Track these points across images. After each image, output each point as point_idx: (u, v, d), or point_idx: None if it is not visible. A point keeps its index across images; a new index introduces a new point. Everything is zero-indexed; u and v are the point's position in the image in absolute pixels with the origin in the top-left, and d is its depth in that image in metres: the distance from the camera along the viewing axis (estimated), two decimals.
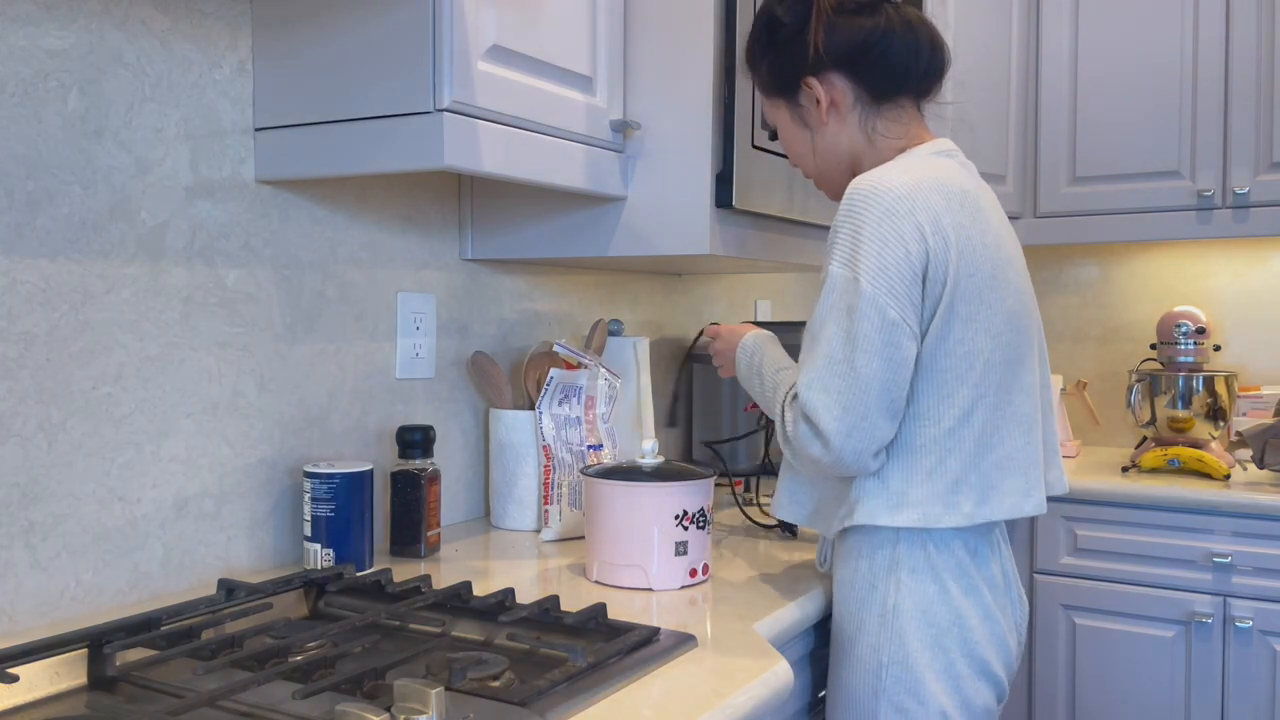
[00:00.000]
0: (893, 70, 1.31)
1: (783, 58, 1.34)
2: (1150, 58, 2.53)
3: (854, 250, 1.18)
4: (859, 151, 1.35)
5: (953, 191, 1.22)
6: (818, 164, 1.39)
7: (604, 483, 1.37)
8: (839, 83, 1.32)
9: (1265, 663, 2.18)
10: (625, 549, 1.35)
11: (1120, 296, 2.89)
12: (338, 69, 1.31)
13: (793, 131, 1.39)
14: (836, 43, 1.30)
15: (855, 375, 1.17)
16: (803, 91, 1.34)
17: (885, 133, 1.33)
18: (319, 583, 1.30)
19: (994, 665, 1.26)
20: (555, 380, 1.65)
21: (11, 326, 1.14)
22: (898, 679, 1.24)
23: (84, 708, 1.00)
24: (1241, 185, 2.42)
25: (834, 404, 1.18)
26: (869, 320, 1.16)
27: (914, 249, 1.17)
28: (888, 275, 1.17)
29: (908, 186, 1.19)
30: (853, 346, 1.17)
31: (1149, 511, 2.28)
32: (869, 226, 1.18)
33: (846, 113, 1.33)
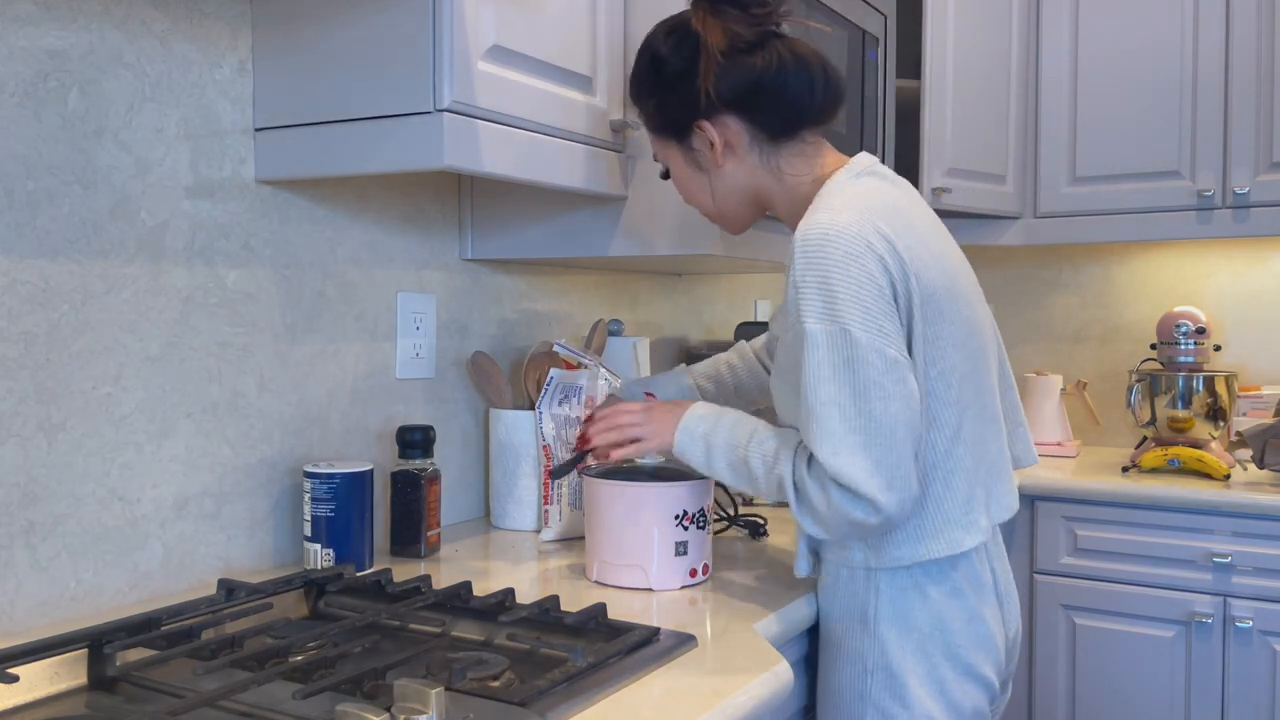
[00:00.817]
0: (788, 109, 1.27)
1: (671, 99, 1.30)
2: (1150, 58, 2.53)
3: (829, 301, 1.13)
4: (765, 188, 1.32)
5: (893, 214, 1.19)
6: (717, 204, 1.35)
7: (604, 483, 1.37)
8: (733, 124, 1.28)
9: (1265, 663, 2.18)
10: (625, 549, 1.35)
11: (1120, 296, 2.89)
12: (338, 69, 1.31)
13: (686, 173, 1.35)
14: (729, 85, 1.25)
15: (877, 425, 1.12)
16: (695, 134, 1.30)
17: (792, 169, 1.30)
18: (319, 583, 1.30)
19: (981, 667, 1.26)
20: (555, 380, 1.65)
21: (11, 326, 1.14)
22: (882, 684, 1.24)
23: (84, 708, 1.00)
24: (1241, 185, 2.41)
25: (866, 462, 1.12)
26: (873, 366, 1.12)
27: (883, 282, 1.14)
28: (873, 316, 1.13)
29: (856, 222, 1.15)
30: (865, 398, 1.12)
31: (1149, 511, 2.28)
32: (836, 272, 1.13)
33: (744, 153, 1.30)
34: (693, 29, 1.26)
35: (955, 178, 2.50)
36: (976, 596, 1.26)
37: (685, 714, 0.93)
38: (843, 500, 1.14)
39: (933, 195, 2.46)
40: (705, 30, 1.25)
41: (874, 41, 2.05)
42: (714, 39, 1.24)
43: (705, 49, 1.25)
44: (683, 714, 0.93)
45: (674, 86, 1.29)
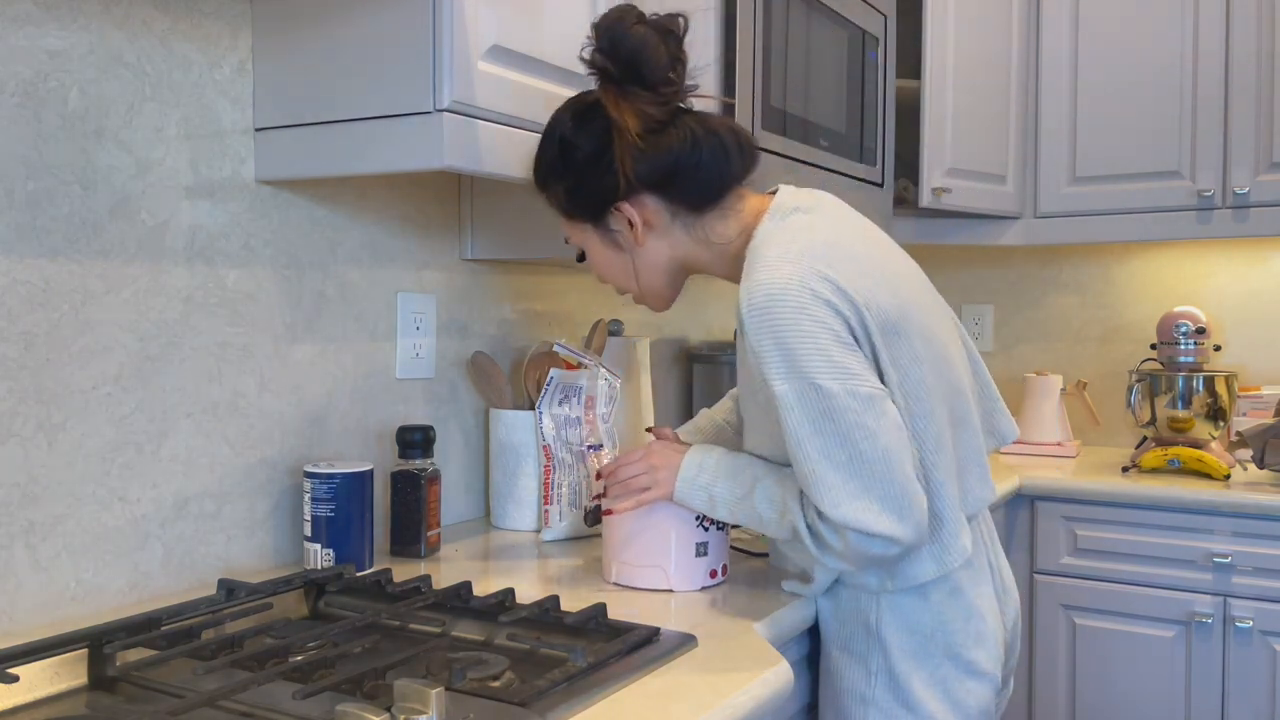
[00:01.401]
0: (707, 182, 1.25)
1: (584, 183, 1.27)
2: (1150, 58, 2.53)
3: (789, 358, 1.13)
4: (694, 257, 1.30)
5: (830, 250, 1.18)
6: (641, 283, 1.33)
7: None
8: (651, 203, 1.26)
9: (1265, 663, 2.18)
10: (645, 550, 1.34)
11: (1120, 296, 2.89)
12: (338, 69, 1.31)
13: (606, 255, 1.32)
14: (646, 167, 1.23)
15: (871, 465, 1.12)
16: (612, 216, 1.28)
17: (719, 233, 1.28)
18: (319, 583, 1.30)
19: (982, 663, 1.26)
20: (555, 380, 1.65)
21: (11, 326, 1.14)
22: (885, 688, 1.24)
23: (84, 708, 1.00)
24: (1241, 185, 2.42)
25: (871, 503, 1.12)
26: (849, 410, 1.12)
27: (837, 325, 1.14)
28: (836, 361, 1.12)
29: (796, 273, 1.14)
30: (851, 442, 1.12)
31: (1149, 511, 2.28)
32: (789, 329, 1.13)
33: (665, 229, 1.28)
34: (603, 112, 1.24)
35: (955, 178, 2.50)
36: (975, 592, 1.26)
37: (685, 714, 0.93)
38: (859, 541, 1.13)
39: (933, 195, 2.46)
40: (618, 113, 1.23)
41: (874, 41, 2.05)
42: (627, 122, 1.22)
43: (619, 132, 1.23)
44: (683, 714, 0.93)
45: (587, 171, 1.26)
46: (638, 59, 1.22)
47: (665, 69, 1.24)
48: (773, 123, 1.66)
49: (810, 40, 1.78)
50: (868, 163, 2.05)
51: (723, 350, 2.24)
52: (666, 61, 1.24)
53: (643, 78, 1.23)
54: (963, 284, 3.07)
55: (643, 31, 1.22)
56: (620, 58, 1.22)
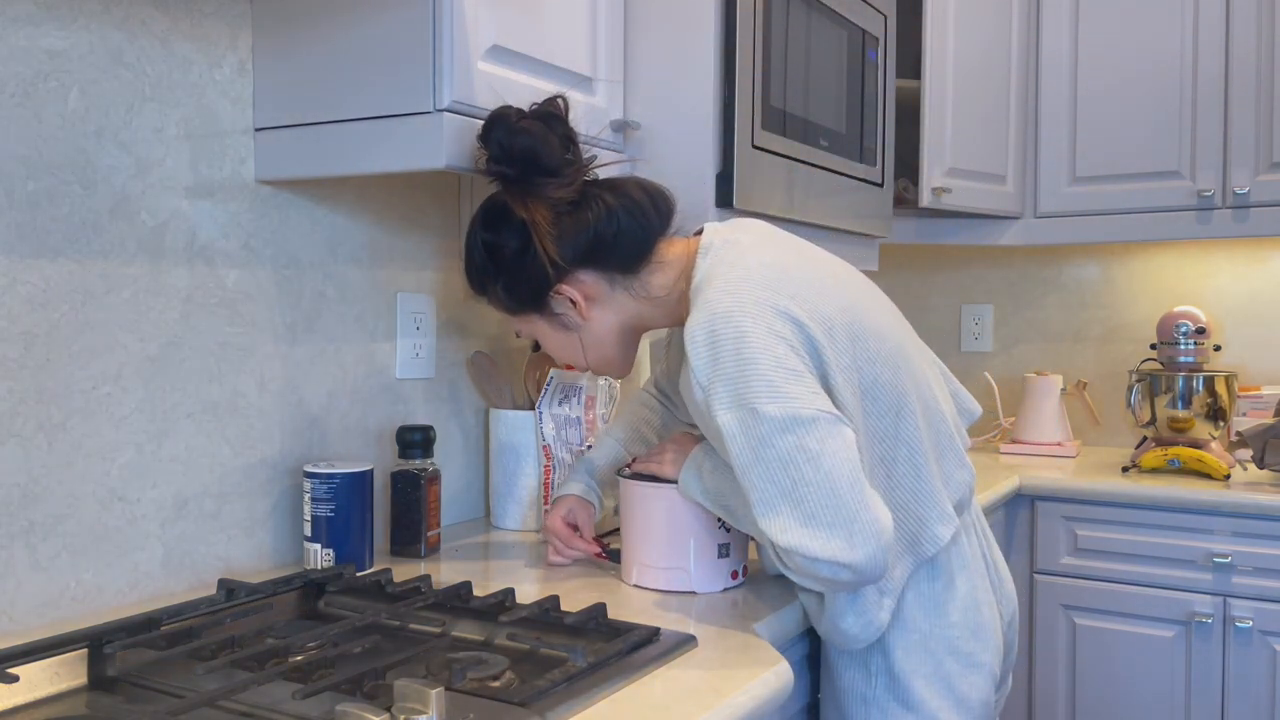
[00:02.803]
0: (631, 244, 1.27)
1: (517, 278, 1.29)
2: (1150, 58, 2.53)
3: (732, 388, 1.12)
4: (641, 316, 1.32)
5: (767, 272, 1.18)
6: (593, 355, 1.35)
7: (644, 485, 1.34)
8: (587, 277, 1.29)
9: (1265, 663, 2.18)
10: (666, 552, 1.33)
11: (1120, 296, 2.89)
12: (338, 69, 1.31)
13: (558, 338, 1.34)
14: (570, 247, 1.26)
15: (815, 490, 1.09)
16: (554, 300, 1.30)
17: (658, 286, 1.30)
18: (319, 583, 1.30)
19: (981, 655, 1.26)
20: (555, 380, 1.65)
21: (11, 326, 1.14)
22: (885, 687, 1.24)
23: (84, 708, 1.00)
24: (1241, 185, 2.41)
25: (817, 531, 1.09)
26: (789, 433, 1.10)
27: (779, 350, 1.13)
28: (777, 385, 1.11)
29: (735, 304, 1.15)
30: (794, 466, 1.10)
31: (1149, 511, 2.28)
32: (729, 360, 1.13)
33: (607, 298, 1.30)
34: (512, 211, 1.26)
35: (955, 178, 2.50)
36: (970, 585, 1.26)
37: (685, 714, 0.93)
38: (807, 565, 1.11)
39: (932, 195, 2.46)
40: (527, 211, 1.25)
41: (874, 41, 2.05)
42: (537, 215, 1.24)
43: (533, 225, 1.25)
44: (683, 714, 0.93)
45: (515, 266, 1.28)
46: (531, 154, 1.24)
47: (560, 153, 1.26)
48: (772, 123, 1.66)
49: (810, 40, 1.78)
50: (868, 163, 2.05)
51: None
52: (559, 145, 1.26)
53: (541, 169, 1.25)
54: (963, 284, 3.07)
55: (528, 125, 1.24)
56: (514, 159, 1.24)
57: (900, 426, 1.21)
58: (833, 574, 1.11)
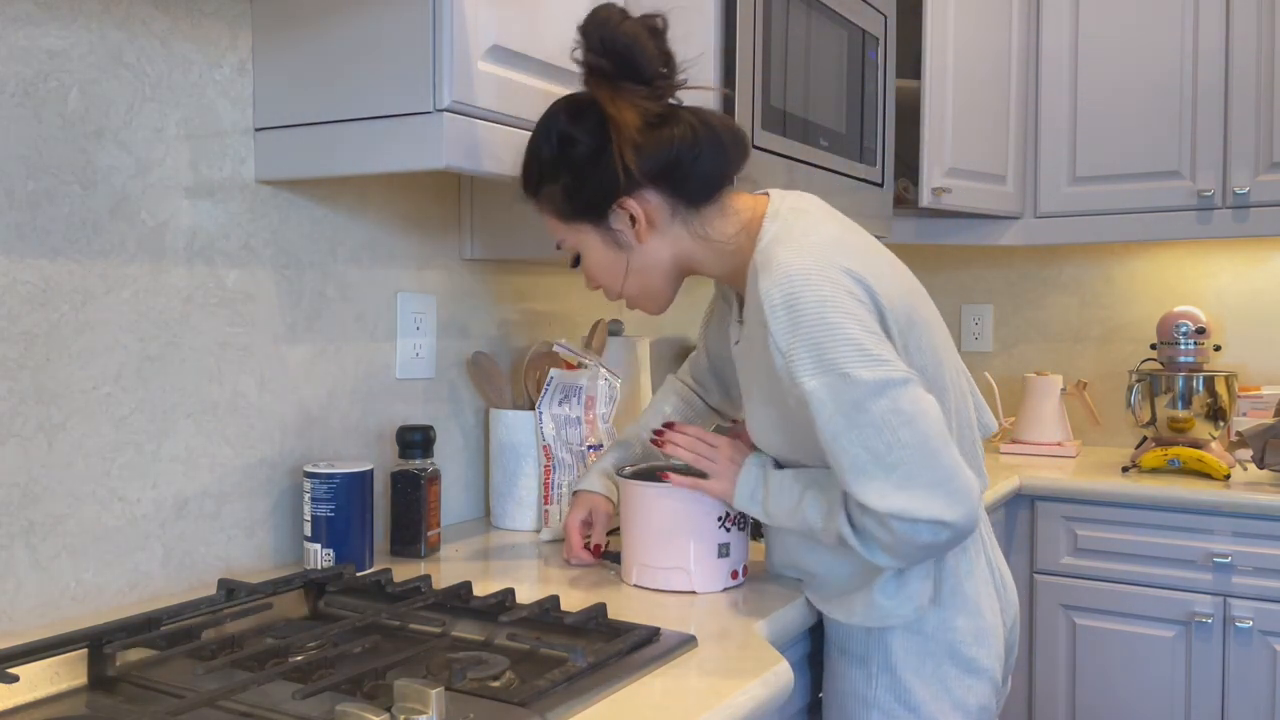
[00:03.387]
0: (706, 177, 1.24)
1: (584, 181, 1.24)
2: (1150, 58, 2.53)
3: (817, 353, 1.11)
4: (693, 256, 1.28)
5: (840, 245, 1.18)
6: (634, 283, 1.31)
7: (644, 485, 1.34)
8: (653, 198, 1.25)
9: (1265, 663, 2.18)
10: (666, 552, 1.33)
11: (1120, 296, 2.89)
12: (338, 69, 1.31)
13: (605, 255, 1.29)
14: (649, 161, 1.21)
15: (912, 451, 1.10)
16: (614, 214, 1.25)
17: (718, 231, 1.27)
18: (319, 583, 1.30)
19: (983, 660, 1.26)
20: (555, 380, 1.65)
21: (11, 326, 1.14)
22: (887, 688, 1.24)
23: (84, 708, 1.00)
24: (1241, 185, 2.42)
25: (916, 490, 1.10)
26: (883, 397, 1.10)
27: (862, 313, 1.13)
28: (865, 348, 1.11)
29: (816, 265, 1.14)
30: (889, 429, 1.10)
31: (1149, 511, 2.28)
32: (814, 323, 1.11)
33: (666, 226, 1.26)
34: (598, 109, 1.23)
35: (955, 178, 2.50)
36: (975, 590, 1.26)
37: (685, 714, 0.93)
38: (907, 530, 1.11)
39: (933, 195, 2.46)
40: (615, 109, 1.21)
41: (874, 41, 2.05)
42: (626, 116, 1.21)
43: (617, 127, 1.21)
44: (683, 714, 0.93)
45: (587, 167, 1.24)
46: (630, 54, 1.21)
47: (657, 63, 1.23)
48: (772, 123, 1.66)
49: (810, 40, 1.78)
50: (868, 163, 2.05)
51: None
52: (657, 56, 1.23)
53: (637, 72, 1.21)
54: (963, 284, 3.07)
55: (632, 27, 1.22)
56: (613, 54, 1.21)
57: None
58: (933, 535, 1.11)
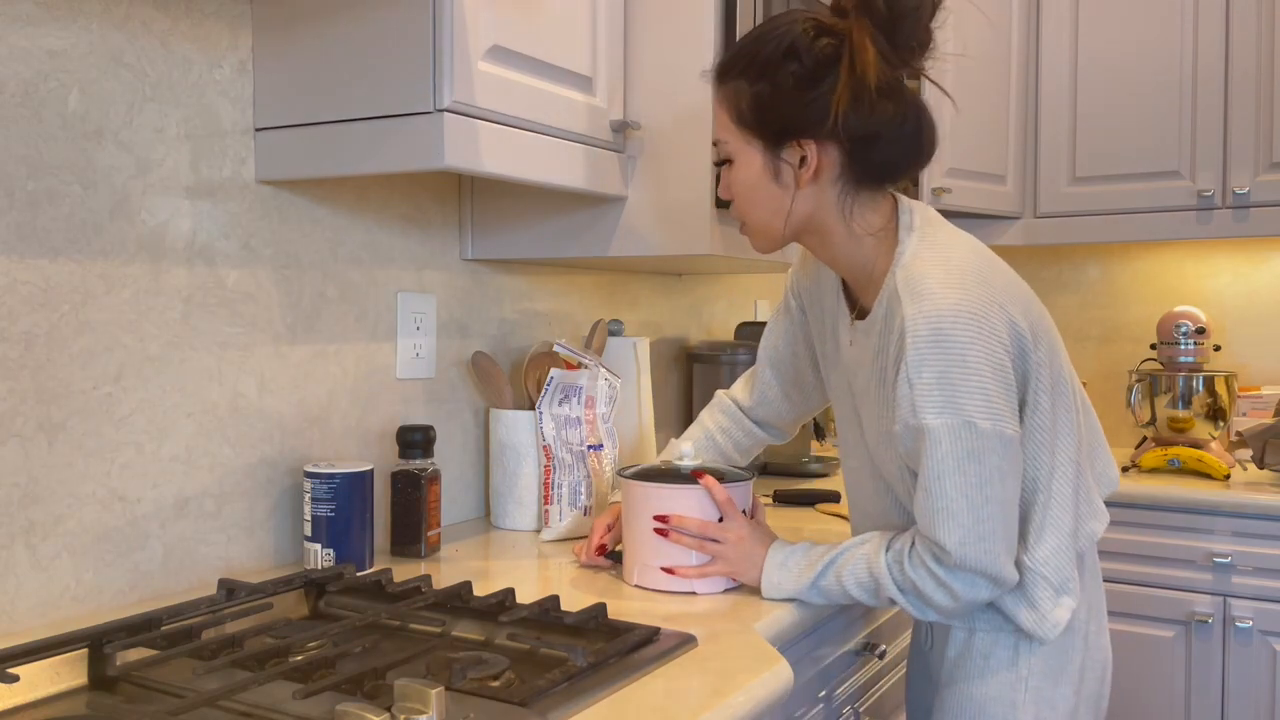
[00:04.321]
0: (889, 166, 1.20)
1: (784, 100, 1.18)
2: (1150, 58, 2.53)
3: (949, 394, 1.11)
4: (827, 228, 1.23)
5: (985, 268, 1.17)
6: (760, 216, 1.25)
7: (644, 485, 1.34)
8: (832, 154, 1.19)
9: (1265, 663, 2.18)
10: (667, 552, 1.33)
11: (1120, 296, 2.89)
12: (338, 69, 1.31)
13: (755, 178, 1.22)
14: (858, 122, 1.15)
15: (1000, 507, 1.14)
16: (790, 148, 1.20)
17: (861, 219, 1.22)
18: (319, 583, 1.30)
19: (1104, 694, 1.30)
20: (555, 380, 1.65)
21: (11, 326, 1.14)
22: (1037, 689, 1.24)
23: (84, 708, 1.00)
24: (1241, 185, 2.42)
25: (995, 545, 1.14)
26: (995, 453, 1.12)
27: (1001, 358, 1.12)
28: (993, 399, 1.11)
29: (967, 303, 1.11)
30: (990, 484, 1.12)
31: (1149, 511, 2.28)
32: (954, 366, 1.10)
33: (826, 185, 1.21)
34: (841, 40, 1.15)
35: (955, 178, 2.50)
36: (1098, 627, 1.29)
37: (685, 714, 0.93)
38: (967, 588, 1.15)
39: (933, 195, 2.46)
40: (864, 51, 1.13)
41: None
42: (867, 67, 1.13)
43: (853, 73, 1.13)
44: (683, 714, 0.93)
45: (796, 90, 1.16)
46: (908, 11, 1.14)
47: (921, 35, 1.16)
48: None
49: None
50: None
51: (723, 350, 2.24)
52: (925, 29, 1.16)
53: (900, 31, 1.14)
54: None
55: None
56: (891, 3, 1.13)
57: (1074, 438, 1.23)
58: (991, 594, 1.17)
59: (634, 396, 1.91)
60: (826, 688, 1.44)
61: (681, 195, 1.57)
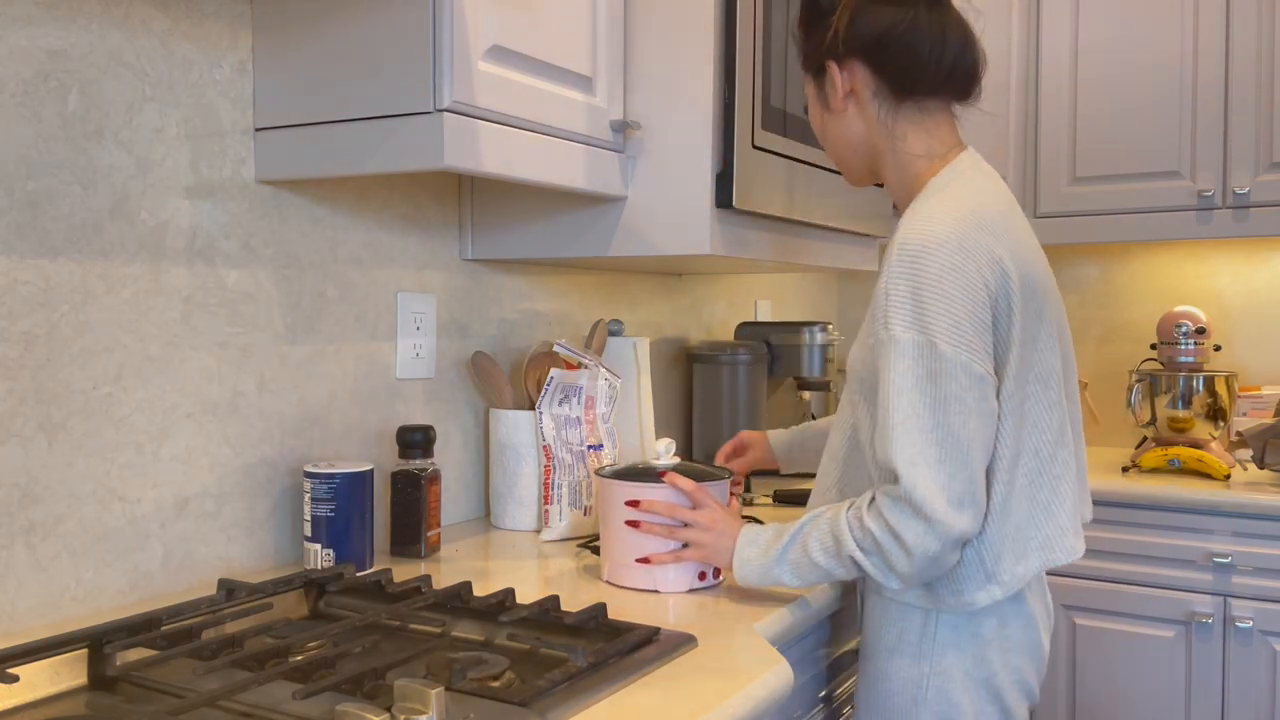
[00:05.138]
0: (913, 65, 1.24)
1: (813, 34, 1.31)
2: (1150, 58, 2.53)
3: (919, 311, 1.12)
4: (879, 149, 1.30)
5: (996, 219, 1.18)
6: (832, 148, 1.36)
7: (614, 483, 1.36)
8: (860, 72, 1.27)
9: (1265, 663, 2.18)
10: (633, 550, 1.34)
11: (1120, 296, 2.89)
12: (338, 69, 1.31)
13: (815, 110, 1.35)
14: (856, 31, 1.25)
15: (955, 440, 1.11)
16: (825, 75, 1.30)
17: (907, 138, 1.28)
18: (319, 583, 1.30)
19: (1028, 674, 1.26)
20: (555, 380, 1.65)
21: (11, 326, 1.14)
22: (939, 689, 1.23)
23: (84, 708, 1.00)
24: (1241, 185, 2.42)
25: (939, 477, 1.11)
26: (957, 381, 1.11)
27: (980, 297, 1.13)
28: (963, 331, 1.12)
29: (957, 231, 1.14)
30: (945, 411, 1.11)
31: (1149, 511, 2.28)
32: (930, 284, 1.12)
33: (865, 104, 1.28)
34: None
35: None
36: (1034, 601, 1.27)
37: (685, 714, 0.93)
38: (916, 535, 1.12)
39: None
40: None
41: None
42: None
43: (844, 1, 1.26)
44: (683, 714, 0.93)
45: (814, 23, 1.30)
46: None
47: None
48: (773, 123, 1.66)
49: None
50: None
51: (723, 350, 2.24)
52: None
53: None
54: None
55: None
56: None
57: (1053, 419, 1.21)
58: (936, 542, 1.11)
59: (634, 396, 1.91)
60: (826, 688, 1.44)
61: (681, 195, 1.57)
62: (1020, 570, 1.19)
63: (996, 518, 1.17)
